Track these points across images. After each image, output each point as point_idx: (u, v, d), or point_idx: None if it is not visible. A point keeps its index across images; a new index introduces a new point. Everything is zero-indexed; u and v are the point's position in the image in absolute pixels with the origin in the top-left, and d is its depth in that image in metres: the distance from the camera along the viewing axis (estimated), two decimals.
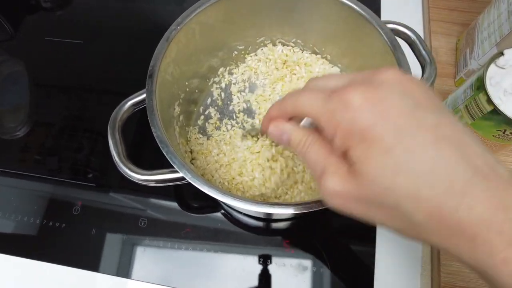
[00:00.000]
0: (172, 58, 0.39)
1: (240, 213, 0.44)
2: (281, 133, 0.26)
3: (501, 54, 0.36)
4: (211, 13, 0.41)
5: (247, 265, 0.41)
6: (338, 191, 0.21)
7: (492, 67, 0.36)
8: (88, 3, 0.61)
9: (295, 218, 0.44)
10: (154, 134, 0.33)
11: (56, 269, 0.42)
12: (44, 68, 0.56)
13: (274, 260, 0.42)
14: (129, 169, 0.33)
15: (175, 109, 0.42)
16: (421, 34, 0.54)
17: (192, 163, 0.44)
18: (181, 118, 0.43)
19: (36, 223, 0.44)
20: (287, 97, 0.25)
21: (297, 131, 0.25)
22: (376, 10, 0.55)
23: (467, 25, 0.50)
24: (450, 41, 0.51)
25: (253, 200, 0.30)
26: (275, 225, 0.45)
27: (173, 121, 0.41)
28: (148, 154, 0.47)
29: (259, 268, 0.41)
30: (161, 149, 0.32)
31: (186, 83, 0.44)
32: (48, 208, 0.45)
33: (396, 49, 0.37)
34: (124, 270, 0.41)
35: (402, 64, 0.36)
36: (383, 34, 0.38)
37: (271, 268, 0.41)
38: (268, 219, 0.45)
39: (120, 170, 0.34)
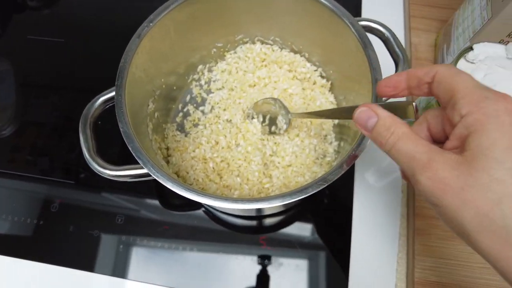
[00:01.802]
0: (145, 55, 0.39)
1: (220, 211, 0.44)
2: (370, 116, 0.25)
3: (471, 48, 0.35)
4: (185, 9, 0.41)
5: (230, 264, 0.41)
6: (445, 178, 0.21)
7: (461, 61, 0.36)
8: (75, 1, 0.61)
9: (274, 215, 0.44)
10: (121, 130, 0.33)
11: (40, 266, 0.42)
12: (29, 67, 0.56)
13: (253, 257, 0.42)
14: (98, 164, 0.34)
15: (149, 105, 0.42)
16: (402, 30, 0.54)
17: (168, 160, 0.44)
18: (156, 115, 0.43)
19: (14, 220, 0.44)
20: (434, 66, 0.25)
21: (390, 118, 0.25)
22: (357, 6, 0.55)
23: (446, 22, 0.50)
24: (429, 38, 0.51)
25: (215, 195, 0.30)
26: (255, 222, 0.45)
27: (146, 117, 0.41)
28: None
29: (240, 265, 0.41)
30: (127, 144, 0.32)
31: (162, 80, 0.44)
32: (26, 206, 0.45)
33: (367, 46, 0.37)
34: (112, 268, 0.42)
35: (372, 61, 0.36)
36: (354, 31, 0.38)
37: (256, 265, 0.41)
38: (247, 216, 0.45)
39: (90, 166, 0.34)
